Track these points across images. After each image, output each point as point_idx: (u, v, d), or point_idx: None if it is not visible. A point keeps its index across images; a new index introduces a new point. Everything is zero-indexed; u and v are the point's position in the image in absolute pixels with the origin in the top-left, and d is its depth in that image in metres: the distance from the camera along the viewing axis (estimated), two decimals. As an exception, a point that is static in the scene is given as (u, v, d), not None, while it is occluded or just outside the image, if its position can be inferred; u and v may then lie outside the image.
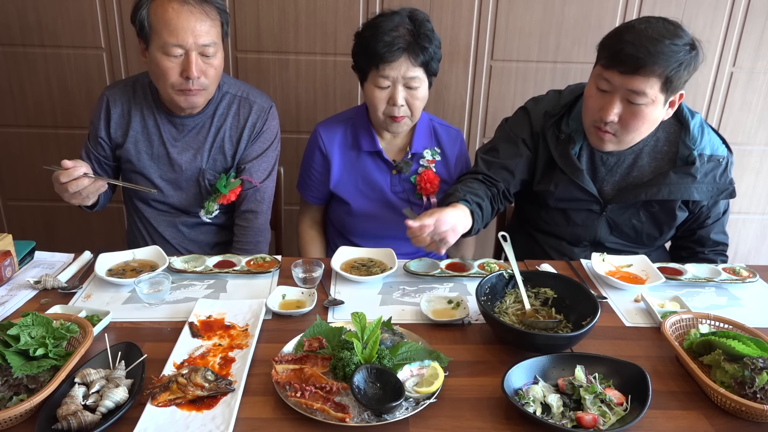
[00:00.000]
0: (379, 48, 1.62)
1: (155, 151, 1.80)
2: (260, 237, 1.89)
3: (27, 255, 1.59)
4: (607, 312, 1.43)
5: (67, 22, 2.28)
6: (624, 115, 1.55)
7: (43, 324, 1.14)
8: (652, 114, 1.54)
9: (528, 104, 1.81)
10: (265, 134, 1.85)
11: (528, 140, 1.76)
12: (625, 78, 1.49)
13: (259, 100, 1.84)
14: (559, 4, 2.30)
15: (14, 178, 2.56)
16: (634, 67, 1.47)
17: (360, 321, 1.14)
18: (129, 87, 1.80)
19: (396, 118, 1.73)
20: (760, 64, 2.42)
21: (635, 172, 1.70)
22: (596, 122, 1.60)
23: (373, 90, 1.69)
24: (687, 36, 1.50)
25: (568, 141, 1.70)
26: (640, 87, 1.48)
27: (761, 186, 2.66)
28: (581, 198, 1.72)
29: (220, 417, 1.01)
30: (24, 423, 1.00)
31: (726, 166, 1.68)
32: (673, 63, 1.46)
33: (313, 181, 1.91)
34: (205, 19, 1.61)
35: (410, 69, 1.66)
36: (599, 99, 1.57)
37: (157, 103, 1.79)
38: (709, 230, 1.78)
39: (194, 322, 1.30)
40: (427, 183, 1.85)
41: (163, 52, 1.61)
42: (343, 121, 1.89)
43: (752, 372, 1.07)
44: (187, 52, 1.61)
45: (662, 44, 1.45)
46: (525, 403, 1.05)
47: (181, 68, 1.62)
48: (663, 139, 1.69)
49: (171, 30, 1.58)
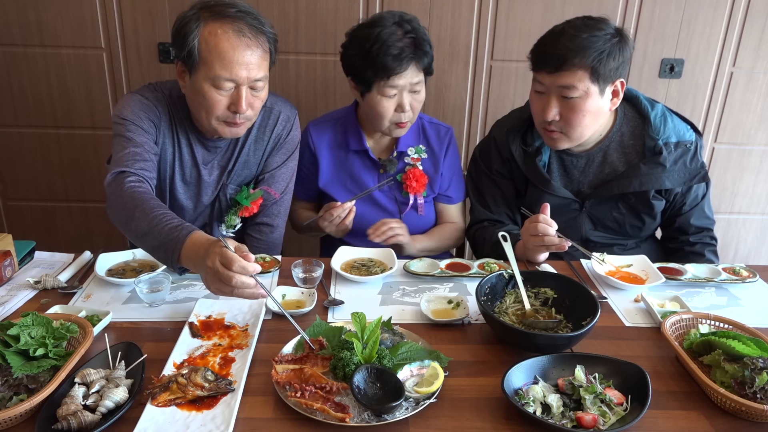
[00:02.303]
0: (389, 61, 1.62)
1: (187, 172, 1.71)
2: (273, 251, 1.82)
3: (27, 255, 1.59)
4: (607, 312, 1.43)
5: (67, 22, 2.28)
6: (563, 111, 1.61)
7: (43, 324, 1.14)
8: (589, 106, 1.59)
9: (493, 130, 1.90)
10: (288, 144, 1.79)
11: (501, 169, 1.86)
12: (553, 76, 1.58)
13: (284, 110, 1.77)
14: (559, 4, 2.30)
15: (14, 178, 2.56)
16: (557, 64, 1.55)
17: (360, 321, 1.14)
18: (165, 97, 1.65)
19: (402, 124, 1.75)
20: (760, 64, 2.42)
21: (607, 169, 1.76)
22: (542, 124, 1.67)
23: (381, 100, 1.70)
24: (609, 27, 1.58)
25: (534, 154, 1.78)
26: (568, 81, 1.56)
27: (761, 186, 2.66)
28: (558, 204, 1.76)
29: (220, 417, 1.01)
30: (24, 423, 1.00)
31: (695, 150, 1.73)
32: (592, 53, 1.53)
33: (302, 178, 1.92)
34: (258, 52, 1.50)
35: (415, 75, 1.68)
36: (538, 101, 1.65)
37: (190, 123, 1.67)
38: (688, 217, 1.82)
39: (194, 322, 1.30)
40: (413, 181, 1.85)
41: (212, 84, 1.49)
42: (332, 120, 1.90)
43: (752, 372, 1.07)
44: (238, 87, 1.50)
45: (580, 38, 1.53)
46: (525, 403, 1.05)
47: (229, 101, 1.52)
48: (628, 134, 1.75)
49: (224, 63, 1.46)
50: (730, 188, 2.66)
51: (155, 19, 2.25)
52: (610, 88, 1.61)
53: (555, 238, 1.54)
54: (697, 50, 2.39)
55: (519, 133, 1.81)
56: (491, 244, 1.75)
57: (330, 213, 1.70)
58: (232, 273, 1.14)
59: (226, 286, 1.16)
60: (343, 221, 1.71)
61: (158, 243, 1.27)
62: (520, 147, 1.80)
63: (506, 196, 1.88)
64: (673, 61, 2.40)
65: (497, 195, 1.89)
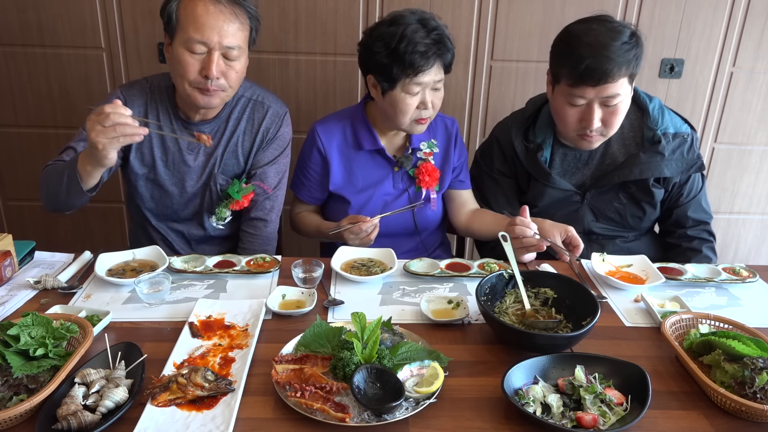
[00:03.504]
0: (416, 59, 1.62)
1: (170, 158, 1.76)
2: (268, 246, 1.85)
3: (27, 255, 1.59)
4: (607, 312, 1.43)
5: (67, 22, 2.28)
6: (605, 116, 1.65)
7: (43, 324, 1.14)
8: (627, 104, 1.67)
9: (495, 131, 1.94)
10: (278, 140, 1.82)
11: (502, 168, 1.89)
12: (598, 89, 1.59)
13: (274, 105, 1.81)
14: (559, 4, 2.30)
15: (14, 178, 2.56)
16: (602, 78, 1.56)
17: (360, 321, 1.14)
18: (146, 89, 1.75)
19: (423, 120, 1.75)
20: (760, 64, 2.42)
21: (608, 160, 1.80)
22: (580, 131, 1.69)
23: (405, 97, 1.69)
24: (626, 29, 1.60)
25: (536, 149, 1.80)
26: (614, 91, 1.59)
27: (761, 186, 2.66)
28: (560, 197, 1.81)
29: (220, 417, 1.01)
30: (24, 423, 1.00)
31: (692, 142, 1.78)
32: (632, 60, 1.58)
33: (311, 182, 1.90)
34: (234, 21, 1.58)
35: (439, 73, 1.69)
36: (577, 112, 1.66)
37: (174, 110, 1.74)
38: (685, 209, 1.85)
39: (194, 322, 1.30)
40: (426, 175, 1.85)
41: (185, 47, 1.57)
42: (341, 120, 1.88)
43: (752, 372, 1.07)
44: (210, 51, 1.57)
45: (615, 47, 1.55)
46: (525, 403, 1.05)
47: (201, 66, 1.58)
48: (627, 126, 1.79)
49: (197, 26, 1.54)
50: (730, 188, 2.66)
51: (155, 19, 2.25)
52: None
53: (533, 239, 1.59)
54: (697, 50, 2.39)
55: (521, 130, 1.84)
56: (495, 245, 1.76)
57: (359, 227, 1.68)
58: (108, 114, 1.38)
59: (104, 121, 1.38)
60: (369, 236, 1.70)
61: (65, 177, 1.54)
62: (522, 143, 1.83)
63: (507, 193, 1.90)
64: (673, 61, 2.40)
65: (498, 193, 1.91)
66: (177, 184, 1.80)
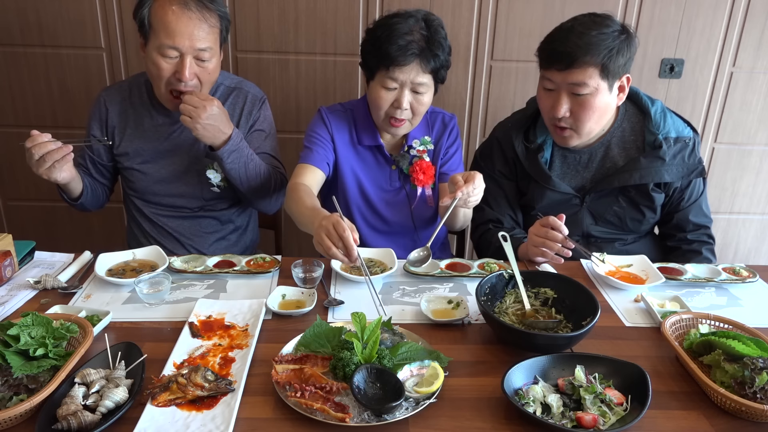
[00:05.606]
0: (392, 50, 1.60)
1: (154, 147, 1.82)
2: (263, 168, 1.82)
3: (27, 255, 1.59)
4: (607, 312, 1.43)
5: (67, 22, 2.28)
6: (573, 108, 1.64)
7: (43, 324, 1.14)
8: (599, 102, 1.62)
9: (495, 132, 1.93)
10: (262, 122, 1.89)
11: (503, 169, 1.88)
12: (564, 74, 1.59)
13: (252, 90, 1.88)
14: (559, 4, 2.30)
15: (14, 178, 2.56)
16: (568, 62, 1.57)
17: (360, 321, 1.14)
18: (125, 88, 1.83)
19: (396, 122, 1.72)
20: (760, 64, 2.42)
21: (608, 163, 1.78)
22: (552, 120, 1.70)
23: (379, 90, 1.68)
24: (615, 24, 1.60)
25: (537, 150, 1.80)
26: (579, 79, 1.58)
27: (761, 186, 2.66)
28: (559, 200, 1.80)
29: (220, 417, 1.01)
30: (24, 423, 1.00)
31: (693, 146, 1.77)
32: (603, 50, 1.56)
33: (319, 145, 1.80)
34: (203, 26, 1.63)
35: (419, 75, 1.65)
36: (548, 98, 1.67)
37: (153, 101, 1.81)
38: (686, 213, 1.83)
39: (194, 322, 1.30)
40: (420, 173, 1.84)
41: (159, 52, 1.63)
42: (345, 111, 1.86)
43: (752, 372, 1.07)
44: (182, 55, 1.63)
45: (589, 35, 1.55)
46: (525, 403, 1.05)
47: (174, 69, 1.64)
48: (629, 129, 1.77)
49: (169, 32, 1.60)
50: (730, 188, 2.66)
51: (155, 19, 2.25)
52: (617, 84, 1.64)
53: (553, 250, 1.57)
54: (697, 50, 2.39)
55: (522, 130, 1.84)
56: (496, 248, 1.75)
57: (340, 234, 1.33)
58: (30, 149, 1.56)
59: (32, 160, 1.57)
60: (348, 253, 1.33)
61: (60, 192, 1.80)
62: (522, 143, 1.82)
63: (508, 196, 1.89)
64: (673, 61, 2.40)
65: (499, 195, 1.90)
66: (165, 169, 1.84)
